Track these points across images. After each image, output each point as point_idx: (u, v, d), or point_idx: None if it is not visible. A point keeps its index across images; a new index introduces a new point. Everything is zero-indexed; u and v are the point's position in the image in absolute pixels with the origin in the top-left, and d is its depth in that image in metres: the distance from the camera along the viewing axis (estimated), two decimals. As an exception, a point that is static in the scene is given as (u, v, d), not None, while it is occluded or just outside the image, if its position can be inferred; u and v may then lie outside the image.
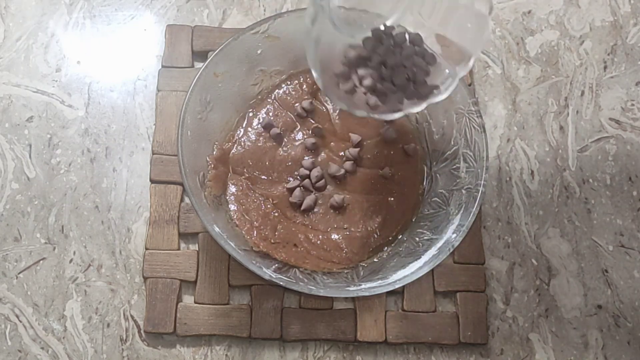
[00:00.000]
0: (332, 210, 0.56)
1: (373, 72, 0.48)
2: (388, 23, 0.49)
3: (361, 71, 0.48)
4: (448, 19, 0.49)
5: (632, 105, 0.63)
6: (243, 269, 0.51)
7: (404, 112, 0.48)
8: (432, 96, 0.48)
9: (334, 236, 0.55)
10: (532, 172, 0.61)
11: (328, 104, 0.59)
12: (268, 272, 0.50)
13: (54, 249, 0.56)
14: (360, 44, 0.49)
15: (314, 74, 0.46)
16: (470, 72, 0.63)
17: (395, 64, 0.48)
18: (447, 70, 0.48)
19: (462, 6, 0.47)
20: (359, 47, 0.49)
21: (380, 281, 0.51)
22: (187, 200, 0.57)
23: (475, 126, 0.54)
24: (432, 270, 0.52)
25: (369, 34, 0.49)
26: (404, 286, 0.54)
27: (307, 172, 0.56)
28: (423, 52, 0.49)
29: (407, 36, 0.49)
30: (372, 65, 0.48)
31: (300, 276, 0.52)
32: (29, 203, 0.57)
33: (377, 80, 0.48)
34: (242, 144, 0.57)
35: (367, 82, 0.48)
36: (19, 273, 0.55)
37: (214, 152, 0.56)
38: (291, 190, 0.56)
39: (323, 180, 0.56)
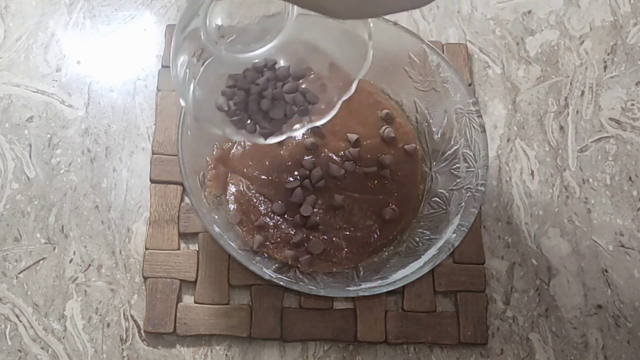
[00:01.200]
0: (332, 210, 0.56)
1: (250, 100, 0.47)
2: (271, 48, 0.47)
3: (238, 95, 0.47)
4: (333, 44, 0.48)
5: (632, 105, 0.63)
6: (243, 269, 0.51)
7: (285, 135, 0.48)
8: (310, 123, 0.48)
9: (334, 236, 0.55)
10: (532, 172, 0.61)
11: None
12: (268, 272, 0.50)
13: (54, 249, 0.56)
14: (240, 74, 0.47)
15: (182, 102, 0.46)
16: (470, 72, 0.63)
17: (274, 97, 0.47)
18: (334, 98, 0.48)
19: (344, 30, 0.46)
20: (239, 76, 0.47)
21: (380, 281, 0.51)
22: (187, 200, 0.57)
23: (475, 126, 0.54)
24: (432, 270, 0.53)
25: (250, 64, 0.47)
26: (404, 286, 0.54)
27: (307, 172, 0.56)
28: (305, 91, 0.48)
29: (290, 71, 0.47)
30: (250, 96, 0.47)
31: (300, 276, 0.52)
32: (29, 203, 0.57)
33: (255, 108, 0.47)
34: (242, 144, 0.57)
35: (238, 99, 0.47)
36: (19, 273, 0.55)
37: (214, 152, 0.56)
38: (291, 191, 0.56)
39: (323, 180, 0.56)
